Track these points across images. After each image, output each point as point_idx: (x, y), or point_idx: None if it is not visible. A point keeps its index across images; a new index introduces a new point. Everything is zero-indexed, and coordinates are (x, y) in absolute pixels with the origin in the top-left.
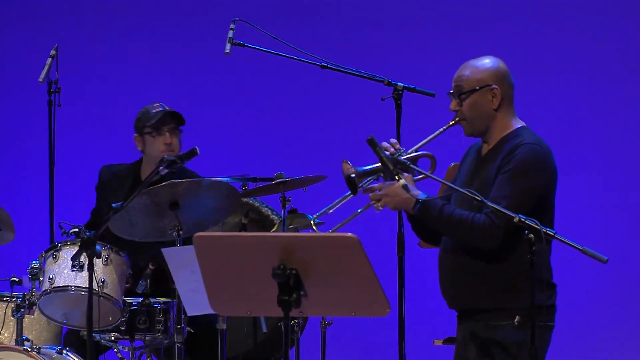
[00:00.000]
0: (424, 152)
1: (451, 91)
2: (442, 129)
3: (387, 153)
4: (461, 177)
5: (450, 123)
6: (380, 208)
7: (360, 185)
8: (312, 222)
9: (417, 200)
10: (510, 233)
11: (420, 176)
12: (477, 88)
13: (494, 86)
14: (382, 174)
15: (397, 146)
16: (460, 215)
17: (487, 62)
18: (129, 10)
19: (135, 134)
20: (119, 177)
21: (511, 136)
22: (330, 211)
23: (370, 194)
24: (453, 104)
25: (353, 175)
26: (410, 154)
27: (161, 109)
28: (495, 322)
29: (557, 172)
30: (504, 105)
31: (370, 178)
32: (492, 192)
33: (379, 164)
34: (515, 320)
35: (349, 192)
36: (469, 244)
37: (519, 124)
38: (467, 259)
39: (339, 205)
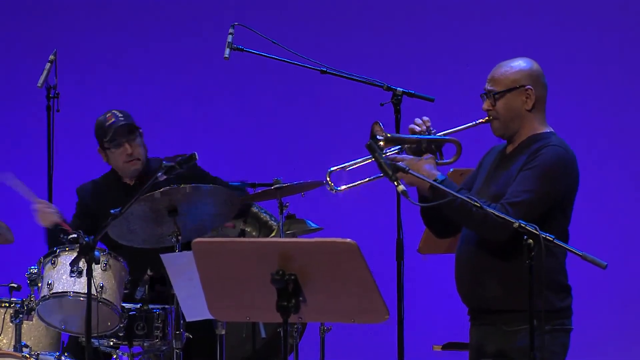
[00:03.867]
0: (453, 138)
1: (484, 92)
2: (472, 123)
3: (418, 129)
4: (480, 178)
5: (481, 120)
6: (400, 187)
7: (384, 152)
8: (327, 176)
9: (436, 179)
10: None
11: (450, 159)
12: (512, 88)
13: (528, 87)
14: (407, 147)
15: (429, 124)
16: (475, 201)
17: (521, 63)
18: (127, 15)
19: (98, 147)
20: (104, 188)
21: (538, 137)
22: (348, 168)
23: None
24: (486, 104)
25: (380, 137)
26: (439, 135)
27: (114, 120)
28: (512, 327)
29: (579, 181)
30: (537, 107)
31: (396, 148)
32: (513, 186)
33: (412, 136)
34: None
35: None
36: (485, 237)
37: (547, 128)
38: (487, 257)
39: (357, 165)
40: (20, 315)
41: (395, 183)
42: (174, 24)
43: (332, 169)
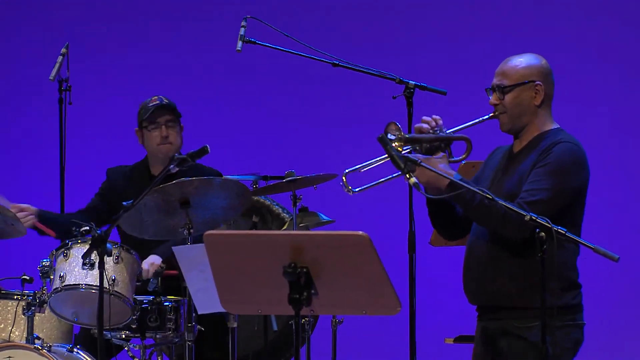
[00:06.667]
0: (463, 135)
1: (491, 86)
2: (480, 119)
3: (426, 127)
4: (486, 178)
5: (489, 115)
6: (412, 178)
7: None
8: (343, 177)
9: (452, 179)
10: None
11: (462, 156)
12: (521, 83)
13: (537, 82)
14: (417, 146)
15: (440, 122)
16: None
17: (531, 58)
18: (139, 7)
19: (137, 127)
20: (129, 177)
21: (548, 135)
22: (363, 170)
23: None
24: (494, 98)
25: (394, 137)
26: (450, 134)
27: (157, 102)
28: (524, 324)
29: (589, 175)
30: (545, 103)
31: (409, 147)
32: (527, 184)
33: (425, 136)
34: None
35: (385, 155)
36: (501, 235)
37: (555, 125)
38: (500, 253)
39: (372, 166)
40: (33, 308)
41: (407, 175)
42: (186, 17)
43: (347, 170)
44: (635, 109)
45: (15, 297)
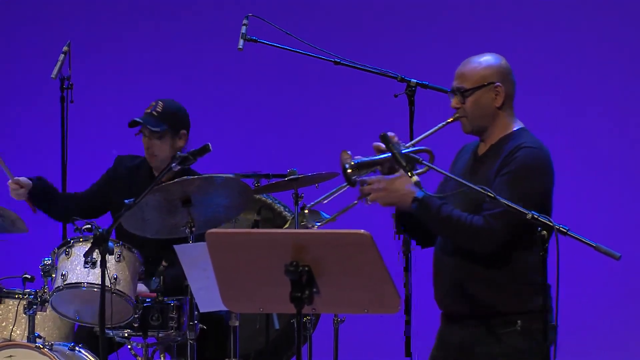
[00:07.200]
0: (423, 147)
1: (451, 88)
2: (440, 125)
3: (384, 147)
4: (453, 181)
5: (449, 120)
6: (369, 202)
7: (357, 177)
8: (306, 211)
9: (416, 197)
10: (508, 237)
11: (423, 169)
12: (481, 85)
13: (497, 84)
14: (379, 167)
15: (395, 139)
16: (459, 216)
17: (490, 59)
18: (141, 6)
19: None
20: (135, 171)
21: (511, 137)
22: (325, 201)
23: (360, 187)
24: (454, 101)
25: (347, 166)
26: (407, 148)
27: (148, 111)
28: (498, 330)
29: (554, 176)
30: (507, 104)
31: (367, 170)
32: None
33: (379, 157)
34: (518, 325)
35: (345, 183)
36: (467, 247)
37: (518, 125)
38: (469, 263)
39: (334, 196)
40: (34, 307)
41: (409, 174)
42: (187, 15)
43: (309, 205)
44: (635, 109)
45: (16, 296)
